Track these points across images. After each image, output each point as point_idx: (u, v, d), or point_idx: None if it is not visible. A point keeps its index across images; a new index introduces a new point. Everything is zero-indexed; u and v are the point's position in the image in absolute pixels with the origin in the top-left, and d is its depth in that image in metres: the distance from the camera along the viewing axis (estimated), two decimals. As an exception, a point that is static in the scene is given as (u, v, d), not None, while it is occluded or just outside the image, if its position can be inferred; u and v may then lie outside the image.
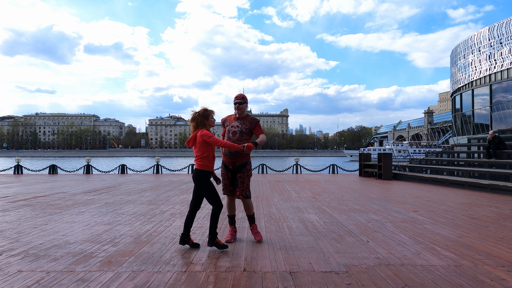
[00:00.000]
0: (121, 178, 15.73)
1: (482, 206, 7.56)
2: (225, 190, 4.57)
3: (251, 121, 4.57)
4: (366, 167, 16.80)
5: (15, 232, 5.00)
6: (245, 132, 4.49)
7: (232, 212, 4.69)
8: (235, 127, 4.50)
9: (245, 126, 4.51)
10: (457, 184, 11.67)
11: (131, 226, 5.37)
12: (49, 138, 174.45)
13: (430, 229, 5.25)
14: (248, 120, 4.57)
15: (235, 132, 4.49)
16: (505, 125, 18.17)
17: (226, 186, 4.57)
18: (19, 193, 9.75)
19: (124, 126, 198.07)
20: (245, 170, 4.50)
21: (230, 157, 4.44)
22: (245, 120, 4.55)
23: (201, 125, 4.12)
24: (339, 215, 6.45)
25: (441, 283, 3.10)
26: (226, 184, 4.56)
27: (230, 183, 4.56)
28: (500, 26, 21.51)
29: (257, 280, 3.16)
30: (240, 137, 4.46)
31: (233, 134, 4.49)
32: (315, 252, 4.05)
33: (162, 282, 3.10)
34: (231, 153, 4.42)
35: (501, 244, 4.41)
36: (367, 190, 10.68)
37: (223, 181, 4.57)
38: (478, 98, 23.31)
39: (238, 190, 4.50)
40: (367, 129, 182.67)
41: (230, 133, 4.51)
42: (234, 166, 4.49)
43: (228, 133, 4.53)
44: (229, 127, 4.55)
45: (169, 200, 8.39)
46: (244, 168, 4.50)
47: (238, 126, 4.50)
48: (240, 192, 4.48)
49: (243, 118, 4.57)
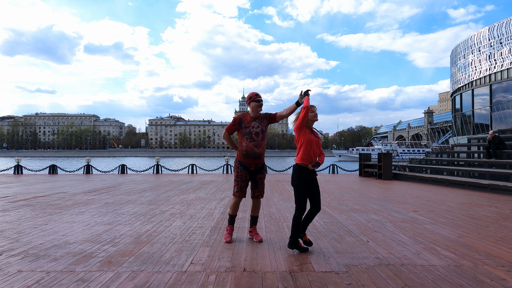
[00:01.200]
0: (121, 178, 15.74)
1: (482, 206, 7.57)
2: (241, 192, 4.46)
3: (265, 116, 4.53)
4: (366, 167, 16.81)
5: (15, 232, 5.00)
6: (265, 131, 4.47)
7: (236, 212, 4.63)
8: (256, 127, 4.39)
9: (264, 124, 4.47)
10: (457, 184, 11.67)
11: (131, 226, 5.37)
12: (49, 138, 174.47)
13: (430, 229, 5.25)
14: (262, 117, 4.51)
15: (257, 133, 4.38)
16: (505, 125, 18.18)
17: (242, 189, 4.46)
18: (19, 193, 9.75)
19: (124, 126, 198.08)
20: (264, 170, 4.51)
21: (254, 158, 4.37)
22: (261, 119, 4.48)
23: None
24: (339, 215, 6.46)
25: (441, 283, 3.10)
26: (243, 186, 4.45)
27: (246, 185, 4.49)
28: (500, 26, 21.51)
29: (257, 280, 3.16)
30: (263, 137, 4.42)
31: (256, 135, 4.37)
32: (315, 252, 4.05)
33: (162, 282, 3.10)
34: (256, 155, 4.34)
35: (501, 244, 4.41)
36: (367, 190, 10.69)
37: (240, 183, 4.43)
38: (478, 98, 23.32)
39: (258, 191, 4.48)
40: (367, 129, 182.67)
41: (253, 135, 4.37)
42: (256, 167, 4.43)
43: (251, 135, 4.36)
44: (250, 129, 4.38)
45: (169, 200, 8.39)
46: (263, 168, 4.50)
47: (258, 126, 4.41)
48: (260, 192, 4.49)
49: (258, 117, 4.49)
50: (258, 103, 4.42)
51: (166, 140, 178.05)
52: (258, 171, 4.45)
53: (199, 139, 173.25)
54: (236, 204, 4.58)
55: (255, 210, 4.58)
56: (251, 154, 4.34)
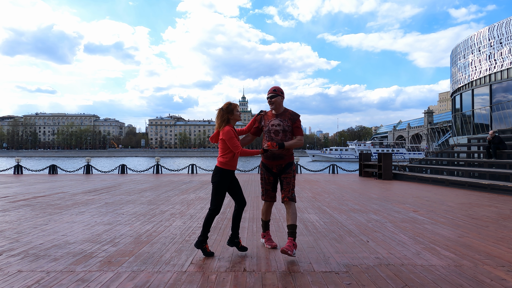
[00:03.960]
0: (121, 178, 15.73)
1: (482, 206, 7.56)
2: (267, 196, 4.08)
3: (291, 116, 3.98)
4: (366, 167, 16.81)
5: (15, 232, 5.00)
6: (288, 131, 3.95)
7: (268, 217, 4.26)
8: (275, 125, 3.95)
9: (287, 123, 3.95)
10: (457, 184, 11.67)
11: (131, 226, 5.37)
12: (49, 138, 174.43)
13: (430, 229, 5.25)
14: (288, 115, 3.99)
15: (277, 131, 3.94)
16: (505, 125, 18.17)
17: (267, 192, 4.07)
18: (19, 193, 9.75)
19: (124, 126, 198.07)
20: (290, 170, 3.97)
21: (274, 159, 3.94)
22: (285, 116, 3.97)
23: (225, 121, 3.82)
24: (339, 215, 6.45)
25: (441, 283, 3.10)
26: (268, 189, 4.06)
27: (272, 188, 4.06)
28: (500, 26, 21.50)
29: (257, 280, 3.16)
30: (284, 137, 3.93)
31: (275, 133, 3.95)
32: (315, 252, 4.05)
33: (162, 282, 3.10)
34: (275, 155, 3.92)
35: (501, 244, 4.41)
36: (367, 190, 10.68)
37: (265, 186, 4.07)
38: (478, 98, 23.32)
39: (283, 192, 3.92)
40: (367, 129, 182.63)
41: (272, 133, 3.96)
42: (279, 169, 3.98)
43: (270, 133, 3.97)
44: (269, 127, 3.98)
45: (169, 200, 8.39)
46: (289, 168, 3.98)
47: (279, 124, 3.94)
48: (286, 194, 3.89)
49: (281, 114, 3.99)
50: (268, 99, 4.00)
51: (166, 140, 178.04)
52: (283, 171, 3.97)
53: (199, 139, 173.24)
54: (265, 208, 4.21)
55: (289, 217, 3.85)
56: (269, 154, 3.95)
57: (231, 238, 4.00)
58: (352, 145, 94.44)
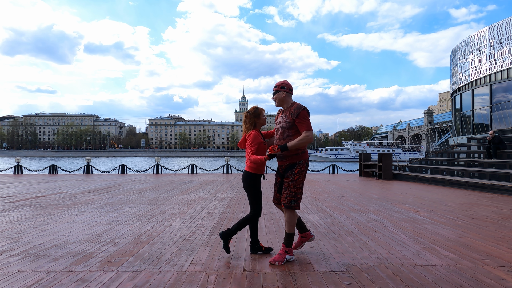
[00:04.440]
0: (121, 178, 15.74)
1: (482, 206, 7.56)
2: (273, 197, 3.92)
3: (293, 111, 3.62)
4: (366, 167, 16.81)
5: (15, 232, 5.00)
6: (286, 127, 3.63)
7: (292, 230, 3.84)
8: (278, 123, 3.77)
9: (287, 119, 3.64)
10: (457, 184, 11.67)
11: (131, 226, 5.37)
12: (49, 138, 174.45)
13: (430, 229, 5.25)
14: (290, 111, 3.66)
15: (277, 129, 3.77)
16: (505, 125, 18.16)
17: (274, 193, 3.91)
18: (19, 193, 9.75)
19: (124, 126, 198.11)
20: (291, 173, 3.63)
21: (277, 159, 3.77)
22: (288, 112, 3.68)
23: (253, 125, 3.78)
24: (339, 215, 6.46)
25: (441, 283, 3.10)
26: (274, 190, 3.89)
27: (278, 189, 3.83)
28: (500, 26, 21.51)
29: (257, 280, 3.16)
30: (282, 135, 3.67)
31: (277, 132, 3.78)
32: (315, 252, 4.05)
33: (162, 282, 3.10)
34: (281, 156, 3.70)
35: (501, 244, 4.41)
36: (367, 190, 10.69)
37: (274, 187, 3.94)
38: (478, 98, 23.33)
39: (281, 197, 3.72)
40: (367, 129, 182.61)
41: (275, 132, 3.85)
42: (283, 169, 3.77)
43: (276, 133, 3.83)
44: (276, 125, 3.83)
45: (169, 200, 8.39)
46: (289, 170, 3.65)
47: (280, 122, 3.74)
48: (282, 199, 3.65)
49: (287, 110, 3.72)
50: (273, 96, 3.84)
51: (166, 140, 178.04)
52: (284, 173, 3.74)
53: (199, 139, 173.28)
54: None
55: (285, 223, 3.73)
56: (279, 155, 3.73)
57: (252, 244, 4.00)
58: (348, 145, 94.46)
